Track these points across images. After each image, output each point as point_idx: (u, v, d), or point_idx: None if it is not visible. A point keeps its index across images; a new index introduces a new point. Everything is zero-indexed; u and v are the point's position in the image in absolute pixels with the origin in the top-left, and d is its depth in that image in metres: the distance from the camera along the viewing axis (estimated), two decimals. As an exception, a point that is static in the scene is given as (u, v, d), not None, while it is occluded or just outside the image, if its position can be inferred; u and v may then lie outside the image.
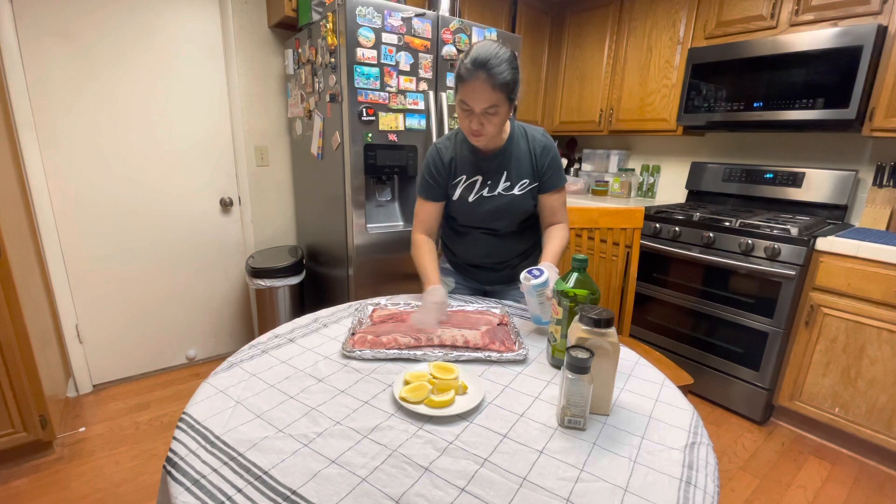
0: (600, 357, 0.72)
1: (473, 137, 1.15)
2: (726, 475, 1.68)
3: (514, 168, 1.23)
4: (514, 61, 1.06)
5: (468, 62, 1.04)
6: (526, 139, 1.24)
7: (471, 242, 1.33)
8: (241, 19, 2.19)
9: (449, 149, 1.26)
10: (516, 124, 1.26)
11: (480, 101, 1.06)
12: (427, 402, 0.76)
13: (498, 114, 1.08)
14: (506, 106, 1.09)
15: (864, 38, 1.73)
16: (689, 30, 2.34)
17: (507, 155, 1.23)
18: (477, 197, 1.25)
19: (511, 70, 1.05)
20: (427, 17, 1.86)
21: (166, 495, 0.60)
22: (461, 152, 1.25)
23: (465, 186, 1.25)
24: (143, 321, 2.22)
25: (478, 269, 1.37)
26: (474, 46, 1.06)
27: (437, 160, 1.26)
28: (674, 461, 0.66)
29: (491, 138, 1.16)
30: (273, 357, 0.94)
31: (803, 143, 2.28)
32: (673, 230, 2.15)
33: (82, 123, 1.91)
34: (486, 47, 1.04)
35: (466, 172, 1.25)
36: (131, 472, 1.61)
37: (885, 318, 1.63)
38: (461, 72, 1.06)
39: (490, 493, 0.59)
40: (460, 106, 1.11)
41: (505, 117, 1.12)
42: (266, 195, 2.47)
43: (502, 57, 1.04)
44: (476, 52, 1.04)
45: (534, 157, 1.23)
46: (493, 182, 1.24)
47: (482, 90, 1.04)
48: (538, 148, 1.23)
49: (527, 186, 1.24)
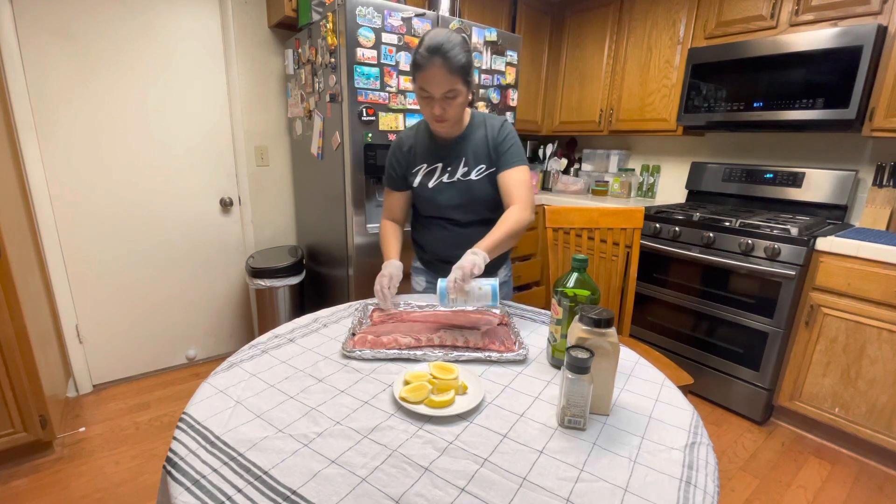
0: (600, 357, 0.72)
1: (437, 124, 1.17)
2: (726, 475, 1.68)
3: (472, 154, 1.25)
4: (466, 45, 1.10)
5: (423, 50, 1.07)
6: (485, 126, 1.26)
7: (437, 234, 1.34)
8: (241, 19, 2.19)
9: (410, 138, 1.30)
10: (477, 113, 1.29)
11: (439, 86, 1.08)
12: (427, 402, 0.76)
13: (457, 97, 1.12)
14: (464, 89, 1.12)
15: (864, 38, 1.73)
16: (689, 30, 2.34)
17: (465, 141, 1.26)
18: (437, 183, 1.27)
19: (465, 53, 1.09)
20: (427, 17, 1.86)
21: (166, 495, 0.60)
22: (421, 141, 1.29)
23: (425, 173, 1.28)
24: (143, 321, 2.22)
25: (446, 264, 1.34)
26: (426, 35, 1.08)
27: (398, 150, 1.31)
28: (674, 461, 0.66)
29: (453, 124, 1.19)
30: (273, 357, 0.94)
31: (803, 143, 2.28)
32: (673, 230, 2.15)
33: (82, 123, 1.91)
34: (439, 34, 1.07)
35: (426, 160, 1.28)
36: (131, 472, 1.61)
37: (885, 318, 1.63)
38: (418, 60, 1.08)
39: (490, 493, 0.59)
40: (420, 94, 1.14)
41: (465, 101, 1.15)
42: (266, 195, 2.47)
43: (455, 41, 1.07)
44: (429, 40, 1.06)
45: (489, 141, 1.24)
46: (453, 168, 1.26)
47: (440, 75, 1.07)
48: (495, 131, 1.25)
49: (483, 171, 1.25)
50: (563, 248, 1.69)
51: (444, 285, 0.99)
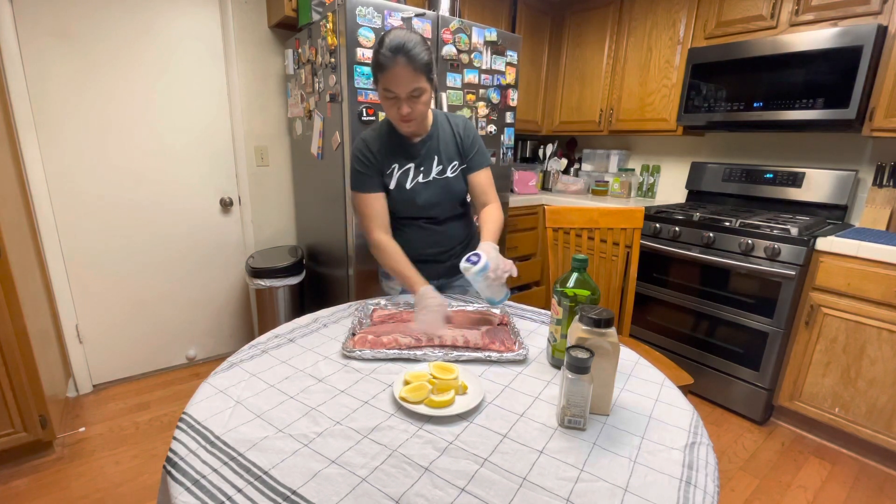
0: (600, 357, 0.72)
1: (404, 124, 1.16)
2: (726, 475, 1.68)
3: (444, 151, 1.26)
4: (425, 43, 1.09)
5: (385, 50, 1.05)
6: (448, 122, 1.28)
7: (413, 235, 1.32)
8: (241, 19, 2.19)
9: (375, 140, 1.25)
10: (437, 111, 1.29)
11: (404, 85, 1.07)
12: (427, 402, 0.76)
13: (422, 95, 1.11)
14: (428, 86, 1.12)
15: (864, 38, 1.73)
16: (689, 30, 2.34)
17: (434, 139, 1.26)
18: (414, 183, 1.25)
19: (426, 51, 1.08)
20: (427, 17, 1.86)
21: (166, 495, 0.60)
22: (388, 142, 1.25)
23: (400, 173, 1.25)
24: (143, 321, 2.22)
25: (423, 265, 1.32)
26: (385, 36, 1.07)
27: (366, 150, 1.24)
28: (674, 461, 0.66)
29: (420, 122, 1.18)
30: (273, 357, 0.94)
31: (803, 143, 2.28)
32: (673, 230, 2.15)
33: (82, 123, 1.91)
34: (398, 34, 1.06)
35: (398, 161, 1.25)
36: (131, 472, 1.61)
37: (885, 318, 1.63)
38: (380, 60, 1.06)
39: (490, 493, 0.59)
40: (384, 95, 1.11)
41: (429, 98, 1.15)
42: (266, 195, 2.47)
43: (416, 40, 1.07)
44: (391, 40, 1.05)
45: (458, 137, 1.27)
46: (427, 167, 1.26)
47: (404, 74, 1.06)
48: (460, 128, 1.27)
49: (457, 168, 1.27)
50: (563, 248, 1.69)
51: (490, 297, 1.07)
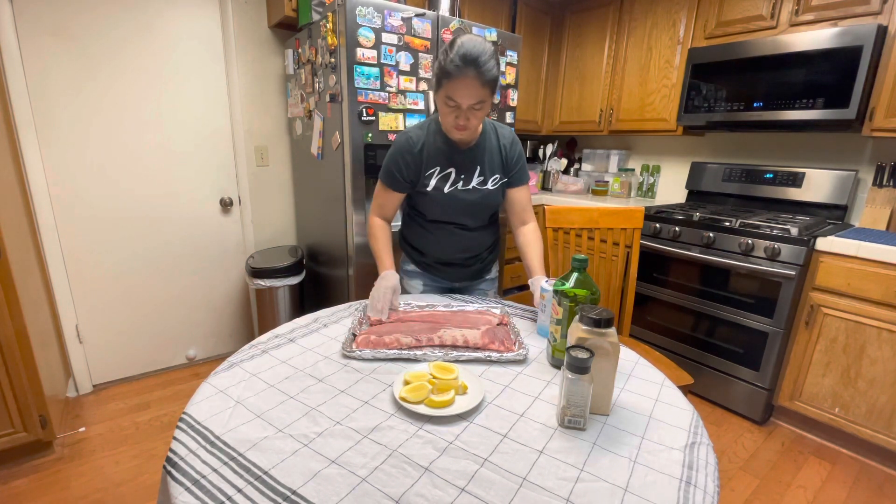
0: (600, 357, 0.72)
1: (457, 132, 1.14)
2: (726, 475, 1.68)
3: (487, 162, 1.24)
4: (497, 56, 1.07)
5: (457, 58, 1.01)
6: (496, 134, 1.26)
7: (443, 238, 1.31)
8: (241, 19, 2.19)
9: (421, 138, 1.22)
10: (486, 120, 1.27)
11: (469, 97, 1.05)
12: (427, 402, 0.76)
13: (483, 108, 1.09)
14: (490, 101, 1.10)
15: (864, 38, 1.73)
16: (689, 30, 2.34)
17: (480, 149, 1.24)
18: (452, 189, 1.24)
19: (497, 66, 1.06)
20: (427, 17, 1.86)
21: (166, 495, 0.60)
22: (433, 143, 1.22)
23: (439, 178, 1.23)
24: (143, 321, 2.22)
25: (448, 267, 1.36)
26: (460, 42, 1.03)
27: (408, 150, 1.21)
28: (674, 461, 0.66)
29: (473, 132, 1.17)
30: (273, 357, 0.94)
31: (803, 143, 2.28)
32: (673, 230, 2.15)
33: (82, 123, 1.91)
34: (475, 43, 1.03)
35: (440, 164, 1.22)
36: (131, 472, 1.61)
37: (885, 318, 1.63)
38: (448, 68, 1.03)
39: (490, 493, 0.59)
40: (445, 102, 1.09)
41: (488, 111, 1.14)
42: (266, 195, 2.47)
43: (490, 53, 1.04)
44: (465, 49, 1.01)
45: (503, 151, 1.25)
46: (467, 176, 1.24)
47: (472, 87, 1.03)
48: (507, 143, 1.25)
49: (499, 181, 1.26)
50: (563, 248, 1.69)
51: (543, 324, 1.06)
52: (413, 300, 1.25)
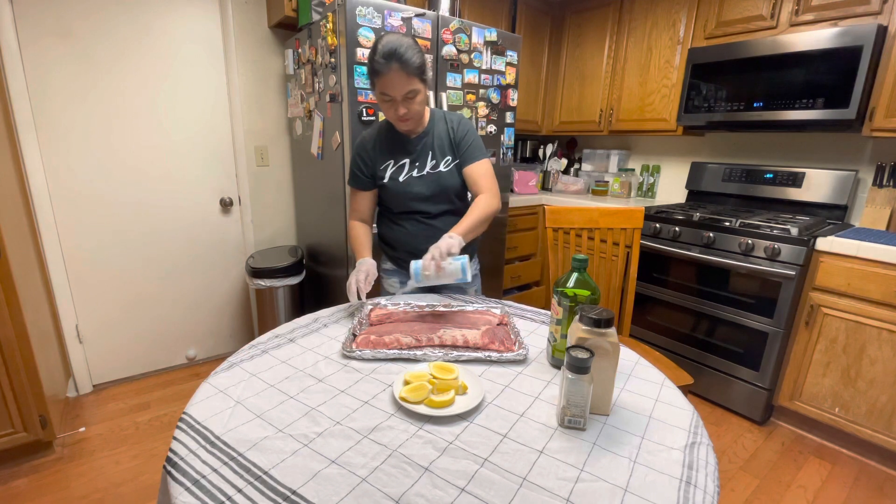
0: (600, 357, 0.72)
1: (401, 123, 1.22)
2: (726, 475, 1.68)
3: (438, 147, 1.31)
4: (417, 46, 1.15)
5: (379, 57, 1.10)
6: (444, 120, 1.32)
7: (411, 229, 1.35)
8: (241, 19, 2.19)
9: (373, 137, 1.33)
10: (436, 109, 1.35)
11: (399, 87, 1.13)
12: (427, 402, 0.76)
13: (417, 96, 1.17)
14: (422, 87, 1.17)
15: (864, 38, 1.73)
16: (689, 30, 2.34)
17: (430, 136, 1.31)
18: (407, 177, 1.30)
19: (418, 54, 1.13)
20: (427, 17, 1.86)
21: (166, 495, 0.60)
22: (385, 138, 1.32)
23: (394, 169, 1.31)
24: (143, 321, 2.22)
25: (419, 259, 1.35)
26: (381, 42, 1.11)
27: (363, 149, 1.33)
28: (674, 461, 0.66)
29: (417, 121, 1.24)
30: (273, 357, 0.94)
31: (803, 143, 2.28)
32: (673, 230, 2.15)
33: (82, 124, 1.91)
34: (391, 40, 1.11)
35: (394, 157, 1.31)
36: (131, 472, 1.61)
37: (885, 318, 1.63)
38: (375, 66, 1.12)
39: (490, 493, 0.59)
40: (381, 98, 1.17)
41: (424, 97, 1.20)
42: (266, 195, 2.47)
43: (408, 45, 1.11)
44: (384, 46, 1.10)
45: (451, 133, 1.31)
46: (421, 163, 1.30)
47: (399, 78, 1.11)
48: (455, 125, 1.31)
49: (450, 163, 1.31)
50: (563, 248, 1.69)
51: (417, 265, 1.07)
52: (413, 300, 1.25)
